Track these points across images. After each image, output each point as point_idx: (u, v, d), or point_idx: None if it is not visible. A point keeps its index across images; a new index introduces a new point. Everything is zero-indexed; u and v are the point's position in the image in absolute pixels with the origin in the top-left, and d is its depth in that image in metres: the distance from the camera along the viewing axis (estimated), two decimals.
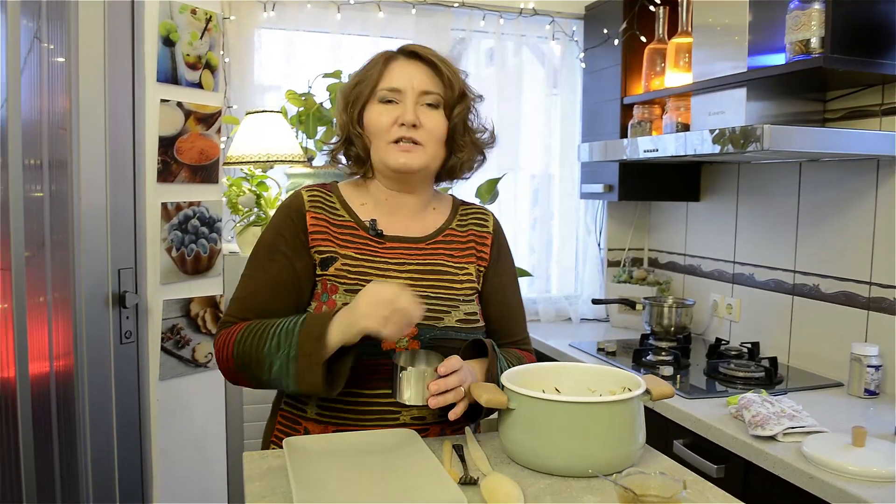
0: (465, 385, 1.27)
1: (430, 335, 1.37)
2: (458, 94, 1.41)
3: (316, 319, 1.25)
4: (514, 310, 1.53)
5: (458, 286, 1.43)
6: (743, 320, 2.70)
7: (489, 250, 1.50)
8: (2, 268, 1.76)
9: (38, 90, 1.82)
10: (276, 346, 1.25)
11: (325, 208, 1.44)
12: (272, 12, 2.81)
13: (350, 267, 1.38)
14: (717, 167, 2.86)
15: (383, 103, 1.39)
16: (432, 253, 1.44)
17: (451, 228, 1.49)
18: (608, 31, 2.94)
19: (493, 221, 1.54)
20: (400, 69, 1.40)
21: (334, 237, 1.41)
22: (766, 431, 1.76)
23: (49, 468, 1.85)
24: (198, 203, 2.28)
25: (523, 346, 1.53)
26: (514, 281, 1.54)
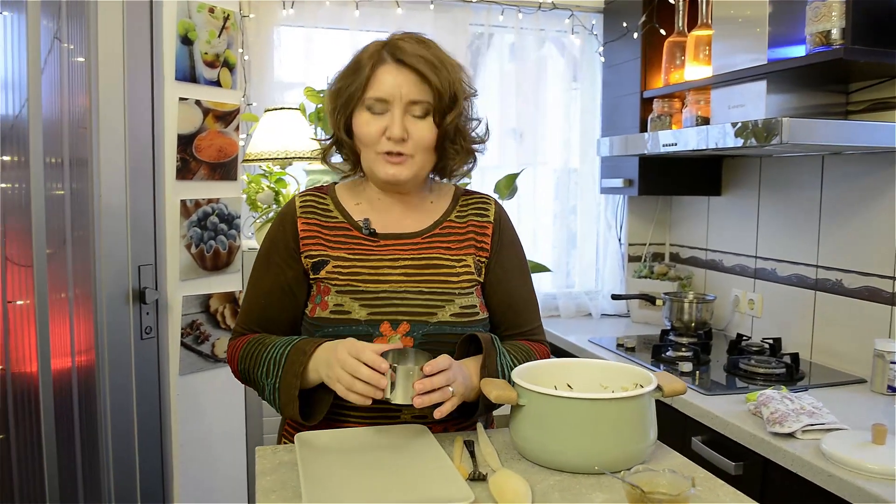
0: (454, 384, 1.25)
1: (422, 331, 1.36)
2: (448, 100, 1.34)
3: (298, 353, 1.30)
4: (521, 300, 1.49)
5: (455, 279, 1.41)
6: (765, 316, 2.67)
7: (490, 240, 1.47)
8: (24, 265, 1.79)
9: (59, 90, 1.85)
10: (266, 373, 1.33)
11: (317, 212, 1.45)
12: (291, 10, 2.83)
13: (342, 268, 1.39)
14: (738, 161, 2.82)
15: (371, 112, 1.35)
16: (428, 247, 1.43)
17: (450, 220, 1.47)
18: (627, 24, 2.92)
19: (496, 210, 1.50)
20: (387, 77, 1.33)
21: (326, 240, 1.42)
22: (784, 429, 1.74)
23: (71, 462, 1.89)
24: (217, 200, 2.30)
25: (533, 336, 1.50)
26: (520, 271, 1.50)
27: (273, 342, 1.37)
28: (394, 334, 1.35)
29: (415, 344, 1.35)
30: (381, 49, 1.35)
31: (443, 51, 1.38)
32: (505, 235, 1.49)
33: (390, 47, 1.34)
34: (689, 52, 2.57)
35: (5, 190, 1.75)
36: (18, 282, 1.79)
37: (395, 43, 1.35)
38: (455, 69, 1.37)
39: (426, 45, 1.36)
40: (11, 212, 1.76)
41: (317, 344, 1.31)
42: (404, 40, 1.35)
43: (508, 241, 1.50)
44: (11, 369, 1.78)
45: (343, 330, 1.34)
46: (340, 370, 1.21)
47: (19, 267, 1.79)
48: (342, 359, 1.21)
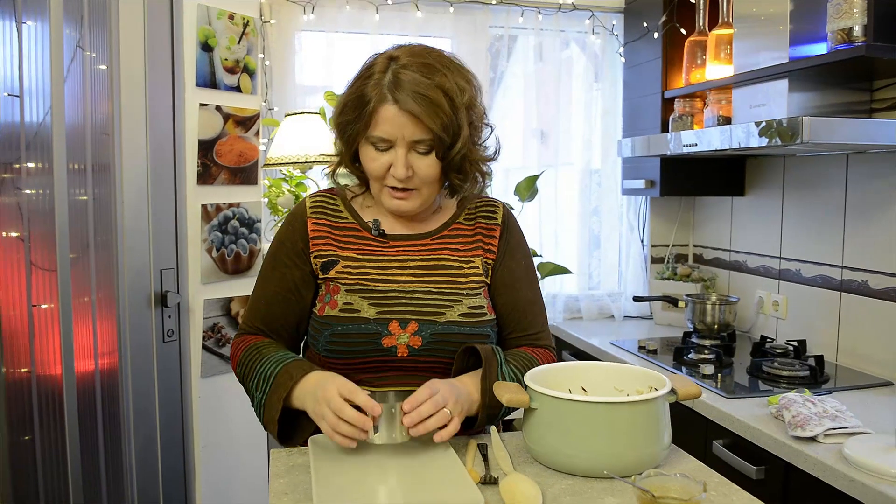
0: (448, 405, 1.24)
1: (431, 330, 1.36)
2: (451, 137, 1.31)
3: (285, 377, 1.30)
4: (526, 303, 1.48)
5: (463, 280, 1.42)
6: (790, 317, 2.63)
7: (497, 243, 1.47)
8: (49, 269, 1.83)
9: (82, 97, 1.88)
10: (255, 386, 1.35)
11: (328, 213, 1.46)
12: (312, 15, 2.85)
13: (351, 268, 1.40)
14: (761, 160, 2.79)
15: (375, 149, 1.33)
16: (437, 248, 1.44)
17: (458, 222, 1.48)
18: (648, 24, 2.90)
19: (503, 213, 1.51)
20: (390, 117, 1.29)
21: (335, 240, 1.43)
22: (806, 432, 1.71)
23: (94, 464, 1.92)
24: (237, 204, 2.33)
25: (539, 341, 1.49)
26: (527, 274, 1.50)
27: (268, 355, 1.37)
28: (402, 333, 1.35)
29: (423, 343, 1.35)
30: (384, 77, 1.30)
31: (448, 70, 1.32)
32: (512, 238, 1.50)
33: (392, 81, 1.29)
34: (710, 52, 2.55)
35: (30, 196, 1.79)
36: (43, 286, 1.82)
37: (397, 75, 1.29)
38: (460, 94, 1.32)
39: (429, 70, 1.30)
40: (36, 217, 1.79)
41: (304, 371, 1.30)
42: (407, 68, 1.29)
43: (515, 244, 1.50)
44: (36, 372, 1.82)
45: (352, 328, 1.35)
46: (326, 408, 1.21)
47: (44, 271, 1.83)
48: (329, 397, 1.21)
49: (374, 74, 1.31)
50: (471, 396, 1.32)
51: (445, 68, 1.33)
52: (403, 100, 1.28)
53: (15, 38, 1.74)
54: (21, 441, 1.79)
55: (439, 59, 1.34)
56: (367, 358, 1.36)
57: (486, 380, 1.32)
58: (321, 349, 1.38)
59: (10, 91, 1.74)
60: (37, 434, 1.80)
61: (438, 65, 1.32)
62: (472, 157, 1.39)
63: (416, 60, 1.31)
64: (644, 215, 3.25)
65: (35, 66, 1.77)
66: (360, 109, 1.31)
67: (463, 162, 1.36)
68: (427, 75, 1.30)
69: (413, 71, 1.29)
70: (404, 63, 1.30)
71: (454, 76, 1.33)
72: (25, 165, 1.78)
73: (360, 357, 1.36)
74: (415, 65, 1.30)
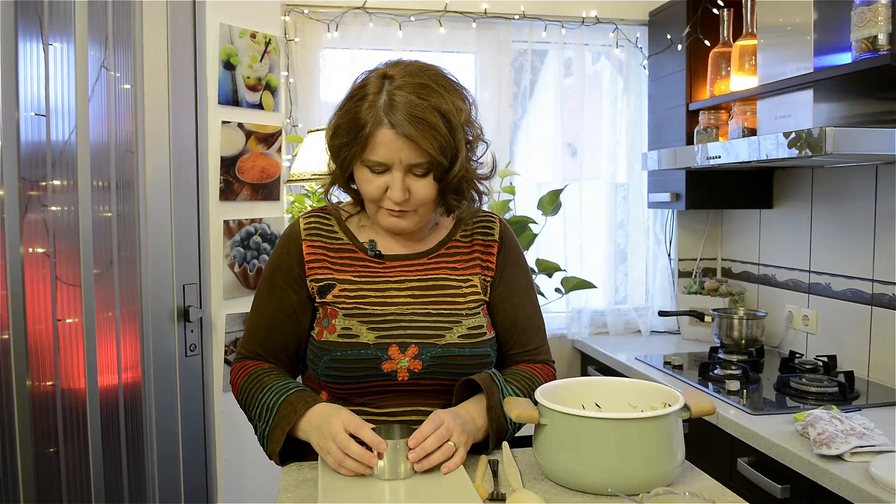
0: (453, 436, 1.23)
1: (431, 353, 1.34)
2: (449, 160, 1.29)
3: (289, 409, 1.30)
4: (525, 319, 1.46)
5: (462, 300, 1.40)
6: (820, 332, 2.58)
7: (495, 259, 1.45)
8: (73, 284, 1.87)
9: (107, 116, 1.93)
10: (258, 416, 1.35)
11: (322, 234, 1.43)
12: (335, 32, 2.88)
13: (349, 291, 1.38)
14: (789, 172, 2.74)
15: (371, 171, 1.30)
16: (434, 267, 1.42)
17: (455, 240, 1.46)
18: (671, 36, 2.88)
19: (501, 228, 1.49)
20: (386, 141, 1.26)
21: (332, 263, 1.41)
22: (831, 450, 1.67)
23: (117, 477, 1.94)
24: (259, 220, 2.36)
25: (538, 356, 1.48)
26: (525, 289, 1.48)
27: (270, 384, 1.36)
28: (402, 357, 1.34)
29: (423, 367, 1.34)
30: (378, 98, 1.27)
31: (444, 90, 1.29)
32: (510, 254, 1.48)
33: (387, 103, 1.25)
34: (735, 62, 2.52)
35: (55, 213, 1.83)
36: (68, 300, 1.86)
37: (392, 97, 1.25)
38: (457, 114, 1.29)
39: (425, 91, 1.27)
40: (61, 233, 1.84)
41: (308, 404, 1.30)
42: (402, 89, 1.26)
43: (514, 260, 1.48)
44: (61, 385, 1.85)
45: (351, 353, 1.33)
46: (331, 444, 1.21)
47: (69, 286, 1.87)
48: (334, 433, 1.21)
49: (369, 95, 1.27)
50: (475, 423, 1.31)
51: (441, 88, 1.29)
52: (399, 123, 1.24)
53: (42, 59, 1.79)
54: (46, 453, 1.83)
55: (435, 79, 1.30)
56: (368, 383, 1.35)
57: (492, 410, 1.31)
58: (320, 374, 1.37)
59: (37, 111, 1.79)
60: (61, 446, 1.83)
61: (434, 84, 1.28)
62: (469, 177, 1.37)
63: (412, 80, 1.27)
64: (671, 229, 3.21)
65: (61, 87, 1.82)
66: (355, 133, 1.27)
67: (460, 182, 1.35)
68: (423, 97, 1.26)
69: (408, 92, 1.26)
70: (399, 84, 1.27)
71: (450, 96, 1.30)
72: (51, 183, 1.82)
73: (360, 382, 1.35)
74: (410, 85, 1.26)
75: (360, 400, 1.37)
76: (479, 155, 1.41)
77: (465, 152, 1.32)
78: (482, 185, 1.43)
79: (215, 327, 2.24)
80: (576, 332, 3.14)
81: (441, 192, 1.34)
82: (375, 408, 1.37)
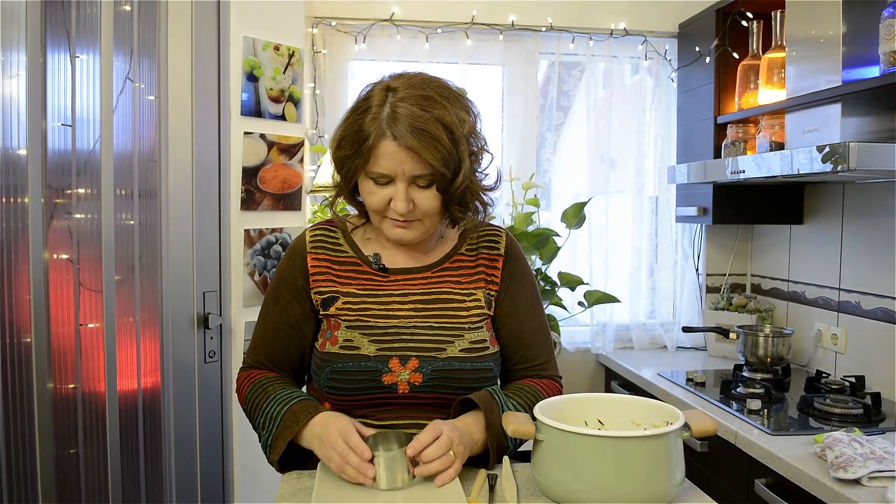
0: (454, 447, 1.24)
1: (432, 367, 1.34)
2: (452, 172, 1.29)
3: (292, 419, 1.32)
4: (530, 334, 1.45)
5: (465, 313, 1.40)
6: (849, 352, 2.51)
7: (500, 273, 1.45)
8: (95, 290, 1.91)
9: (131, 126, 1.97)
10: (262, 425, 1.37)
11: (328, 247, 1.44)
12: (363, 44, 2.91)
13: (352, 304, 1.39)
14: (820, 188, 2.68)
15: (375, 183, 1.31)
16: (438, 281, 1.42)
17: (460, 253, 1.46)
18: (700, 48, 2.84)
19: (507, 243, 1.48)
20: (389, 153, 1.26)
21: (336, 276, 1.42)
22: (848, 474, 1.62)
23: (135, 479, 1.98)
24: (280, 229, 2.39)
25: (544, 372, 1.46)
26: (531, 304, 1.47)
27: (274, 394, 1.38)
28: (402, 370, 1.34)
29: (424, 380, 1.34)
30: (382, 111, 1.27)
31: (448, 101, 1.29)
32: (516, 268, 1.47)
33: (390, 115, 1.26)
34: (763, 75, 2.48)
35: (80, 220, 1.88)
36: (90, 306, 1.91)
37: (395, 109, 1.26)
38: (460, 125, 1.29)
39: (428, 102, 1.27)
40: (85, 240, 1.88)
41: (310, 414, 1.32)
42: (405, 101, 1.26)
43: (520, 274, 1.47)
44: (82, 388, 1.90)
45: (352, 366, 1.34)
46: (332, 452, 1.23)
47: (91, 292, 1.91)
48: (333, 442, 1.23)
49: (372, 108, 1.28)
50: (473, 437, 1.31)
51: (445, 99, 1.30)
52: (402, 135, 1.25)
53: (69, 70, 1.84)
54: (67, 454, 1.87)
55: (438, 90, 1.31)
56: (368, 395, 1.35)
57: (491, 427, 1.31)
58: (322, 385, 1.38)
59: (64, 121, 1.84)
60: (81, 448, 1.88)
61: (437, 96, 1.29)
62: (473, 189, 1.37)
63: (415, 93, 1.28)
64: (700, 243, 3.17)
65: (87, 98, 1.87)
66: (358, 145, 1.28)
67: (464, 194, 1.35)
68: (426, 108, 1.27)
69: (411, 104, 1.26)
70: (402, 96, 1.27)
71: (454, 108, 1.30)
72: (76, 191, 1.87)
73: (360, 394, 1.35)
74: (413, 97, 1.27)
75: (361, 412, 1.38)
76: (483, 166, 1.41)
77: (468, 163, 1.32)
78: (486, 196, 1.43)
79: (235, 334, 2.27)
80: (600, 347, 3.11)
81: (445, 203, 1.34)
82: (376, 420, 1.37)
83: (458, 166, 1.30)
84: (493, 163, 1.44)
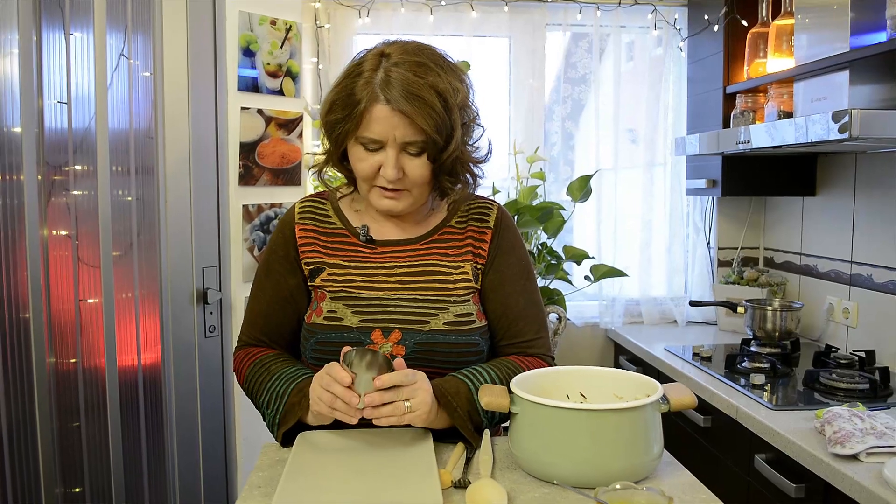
0: (413, 401, 1.21)
1: (414, 339, 1.34)
2: (444, 140, 1.28)
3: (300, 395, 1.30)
4: (516, 309, 1.42)
5: (451, 286, 1.38)
6: (861, 326, 2.46)
7: (488, 246, 1.43)
8: (93, 266, 1.93)
9: (127, 103, 1.98)
10: (267, 404, 1.36)
11: (316, 218, 1.44)
12: (367, 18, 2.89)
13: (337, 275, 1.39)
14: (832, 158, 2.62)
15: (365, 149, 1.30)
16: (425, 253, 1.41)
17: (449, 226, 1.44)
18: (709, 16, 2.77)
19: (497, 216, 1.45)
20: (381, 117, 1.25)
21: (323, 247, 1.42)
22: (845, 450, 1.60)
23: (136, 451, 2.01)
24: (279, 205, 2.39)
25: (530, 349, 1.43)
26: (520, 278, 1.44)
27: (279, 372, 1.37)
28: (385, 342, 1.34)
29: (407, 352, 1.33)
30: (375, 75, 1.26)
31: (442, 69, 1.29)
32: (504, 240, 1.44)
33: (384, 79, 1.25)
34: (771, 43, 2.42)
35: (77, 197, 1.90)
36: (89, 281, 1.93)
37: (388, 73, 1.25)
38: (454, 94, 1.29)
39: (422, 69, 1.26)
40: (83, 217, 1.90)
41: None
42: (399, 66, 1.25)
43: (508, 247, 1.44)
44: (83, 363, 1.92)
45: (335, 336, 1.34)
46: (318, 387, 1.23)
47: (90, 267, 1.93)
48: (319, 377, 1.24)
49: (364, 72, 1.27)
50: None
51: (439, 67, 1.29)
52: (396, 99, 1.24)
53: (64, 48, 1.85)
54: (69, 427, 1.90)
55: (432, 58, 1.30)
56: None
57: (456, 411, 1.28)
58: (308, 357, 1.39)
59: (60, 98, 1.85)
60: (82, 421, 1.91)
61: (432, 63, 1.28)
62: (464, 159, 1.36)
63: (409, 59, 1.27)
64: (711, 216, 3.11)
65: (82, 75, 1.88)
66: (350, 109, 1.27)
67: (454, 164, 1.33)
68: (420, 74, 1.26)
69: (405, 69, 1.25)
70: (396, 61, 1.26)
71: (448, 76, 1.29)
72: (73, 168, 1.89)
73: None
74: (407, 63, 1.26)
75: None
76: (475, 138, 1.40)
77: (460, 133, 1.31)
78: (477, 167, 1.41)
79: (234, 309, 2.29)
80: (609, 322, 3.08)
81: (435, 172, 1.33)
82: None
83: (450, 135, 1.29)
84: (485, 135, 1.42)
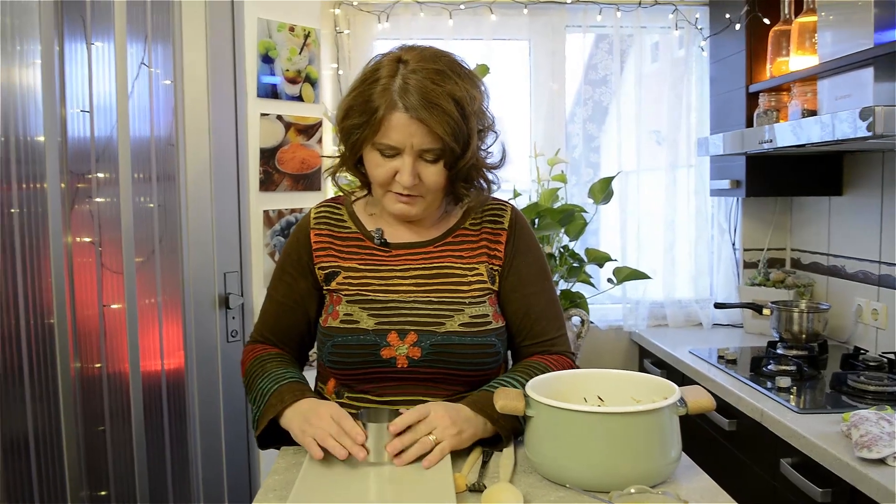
0: (436, 431, 1.23)
1: (430, 341, 1.34)
2: (460, 148, 1.29)
3: (277, 398, 1.33)
4: (537, 309, 1.43)
5: (466, 288, 1.39)
6: (890, 327, 2.41)
7: (503, 248, 1.43)
8: (116, 272, 1.96)
9: (148, 111, 2.01)
10: (253, 400, 1.39)
11: (331, 223, 1.46)
12: (386, 23, 2.90)
13: (353, 279, 1.40)
14: (858, 157, 2.57)
15: (381, 155, 1.31)
16: (440, 255, 1.42)
17: (463, 228, 1.45)
18: (731, 15, 2.74)
19: (511, 217, 1.46)
20: (399, 125, 1.26)
21: (338, 251, 1.43)
22: (872, 454, 1.56)
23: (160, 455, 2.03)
24: (300, 210, 2.41)
25: (553, 348, 1.44)
26: (538, 278, 1.45)
27: (269, 372, 1.40)
28: (401, 344, 1.34)
29: (423, 354, 1.34)
30: (392, 82, 1.27)
31: (459, 77, 1.29)
32: (520, 242, 1.45)
33: (402, 87, 1.26)
34: (794, 41, 2.38)
35: (100, 204, 1.92)
36: (112, 287, 1.95)
37: (406, 81, 1.26)
38: (470, 102, 1.30)
39: (440, 76, 1.27)
40: (106, 224, 1.92)
41: (296, 396, 1.32)
42: (416, 73, 1.26)
43: (524, 248, 1.45)
44: (107, 368, 1.95)
45: (351, 339, 1.35)
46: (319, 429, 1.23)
47: (113, 273, 1.96)
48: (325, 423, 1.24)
49: (382, 79, 1.28)
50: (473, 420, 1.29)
51: (456, 75, 1.30)
52: (414, 107, 1.25)
53: (86, 58, 1.88)
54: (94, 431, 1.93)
55: (450, 65, 1.31)
56: (368, 369, 1.36)
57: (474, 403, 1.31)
58: (325, 360, 1.40)
59: (82, 107, 1.88)
60: (107, 425, 1.93)
61: (449, 71, 1.30)
62: (479, 166, 1.37)
63: (427, 66, 1.28)
64: (736, 217, 3.07)
65: (103, 84, 1.91)
66: (367, 115, 1.28)
67: (470, 171, 1.35)
68: (438, 82, 1.27)
69: (423, 77, 1.26)
70: (414, 68, 1.27)
71: (464, 83, 1.31)
72: (96, 176, 1.92)
73: (360, 368, 1.36)
74: (425, 70, 1.27)
75: (362, 387, 1.39)
76: (488, 144, 1.41)
77: (476, 140, 1.33)
78: (492, 174, 1.43)
79: (256, 314, 2.29)
80: (633, 325, 3.05)
81: (450, 179, 1.34)
82: (377, 395, 1.38)
83: (467, 142, 1.31)
84: (500, 141, 1.43)
